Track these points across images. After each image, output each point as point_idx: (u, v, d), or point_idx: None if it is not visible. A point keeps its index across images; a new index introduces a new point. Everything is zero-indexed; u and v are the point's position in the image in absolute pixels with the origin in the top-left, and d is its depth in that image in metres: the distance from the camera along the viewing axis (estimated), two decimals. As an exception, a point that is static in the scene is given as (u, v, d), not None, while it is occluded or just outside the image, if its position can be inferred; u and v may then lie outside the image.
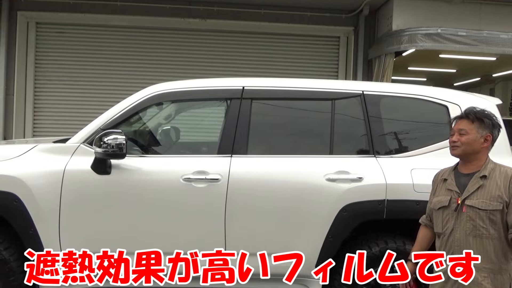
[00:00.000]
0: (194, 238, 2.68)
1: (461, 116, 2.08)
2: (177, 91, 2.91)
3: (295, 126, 3.02)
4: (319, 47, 7.05)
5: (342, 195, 2.64)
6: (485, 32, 5.67)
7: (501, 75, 11.18)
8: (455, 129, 2.06)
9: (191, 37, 6.93)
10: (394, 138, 2.95)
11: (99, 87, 6.79)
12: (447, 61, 9.32)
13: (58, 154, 2.71)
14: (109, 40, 6.86)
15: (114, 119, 2.77)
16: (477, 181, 1.97)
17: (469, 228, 1.94)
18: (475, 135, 2.00)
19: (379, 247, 2.70)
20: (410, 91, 2.98)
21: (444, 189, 2.08)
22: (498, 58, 8.68)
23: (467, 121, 2.04)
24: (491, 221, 1.91)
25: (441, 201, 2.06)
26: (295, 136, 3.00)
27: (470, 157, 2.02)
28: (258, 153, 2.81)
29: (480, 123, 2.02)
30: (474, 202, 1.94)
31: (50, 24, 6.80)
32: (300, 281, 2.78)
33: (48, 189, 2.61)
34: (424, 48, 5.68)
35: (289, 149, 2.91)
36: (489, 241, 1.91)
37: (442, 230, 2.04)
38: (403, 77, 11.92)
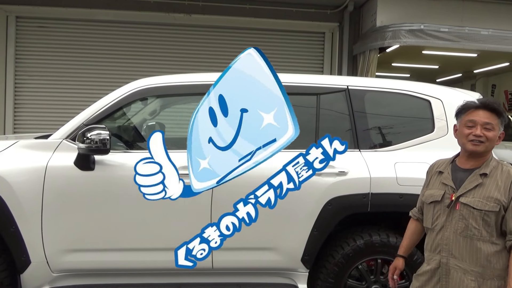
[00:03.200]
0: (181, 234, 2.66)
1: (480, 106, 1.82)
2: (162, 86, 2.88)
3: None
4: (304, 43, 7.08)
5: (327, 189, 2.67)
6: (467, 28, 5.79)
7: (482, 71, 11.43)
8: (478, 121, 1.80)
9: (176, 32, 6.87)
10: (378, 132, 2.98)
11: (82, 83, 6.68)
12: (430, 57, 9.48)
13: (40, 150, 2.65)
14: (92, 35, 6.74)
15: (97, 114, 2.73)
16: (476, 178, 1.80)
17: (460, 228, 1.79)
18: (497, 132, 1.81)
19: (363, 239, 2.74)
20: (393, 86, 3.02)
21: (438, 183, 1.92)
22: (479, 55, 8.87)
23: (491, 114, 1.80)
24: (485, 222, 1.75)
25: (433, 195, 1.90)
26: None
27: (482, 154, 1.82)
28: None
29: (502, 120, 1.82)
30: (469, 200, 1.78)
31: (31, 18, 6.65)
32: (286, 275, 2.81)
33: (29, 186, 2.55)
34: (407, 44, 5.76)
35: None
36: (480, 243, 1.76)
37: (431, 226, 1.90)
38: (387, 73, 12.08)
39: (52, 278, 2.67)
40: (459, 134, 1.90)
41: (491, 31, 5.82)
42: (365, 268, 2.78)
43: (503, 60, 9.83)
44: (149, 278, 2.76)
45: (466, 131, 1.83)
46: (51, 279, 2.67)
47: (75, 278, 2.71)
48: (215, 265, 2.71)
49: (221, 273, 2.79)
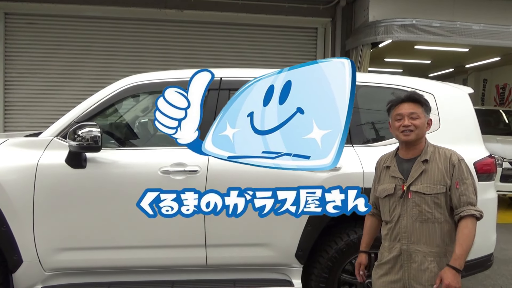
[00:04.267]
0: (174, 231, 2.66)
1: (404, 100, 1.98)
2: (153, 83, 2.85)
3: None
4: (297, 38, 7.08)
5: (320, 183, 2.66)
6: (458, 23, 5.82)
7: (474, 65, 11.52)
8: (404, 113, 1.95)
9: (168, 28, 6.83)
10: (371, 127, 2.99)
11: (73, 80, 6.62)
12: (422, 52, 9.54)
13: (31, 149, 2.62)
14: (82, 31, 6.67)
15: (88, 111, 2.70)
16: (420, 166, 1.94)
17: (415, 214, 1.92)
18: (424, 119, 1.96)
19: (357, 234, 2.74)
20: (385, 81, 3.02)
21: (388, 177, 2.03)
22: (470, 49, 8.94)
23: (415, 105, 1.96)
24: (436, 204, 1.90)
25: (386, 189, 2.01)
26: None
27: (416, 142, 1.96)
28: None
29: (425, 107, 1.98)
30: (418, 188, 1.91)
31: (20, 15, 6.57)
32: (280, 271, 2.81)
33: (20, 185, 2.52)
34: (399, 39, 5.78)
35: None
36: (435, 225, 1.91)
37: (390, 218, 2.00)
38: (380, 68, 12.13)
39: (45, 277, 2.65)
40: (392, 128, 2.04)
41: (482, 25, 5.85)
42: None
43: (494, 55, 9.93)
44: (142, 276, 2.75)
45: (397, 124, 1.98)
46: (44, 278, 2.65)
47: (68, 277, 2.69)
48: (209, 262, 2.71)
49: (216, 269, 2.78)
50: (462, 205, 1.88)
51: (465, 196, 1.89)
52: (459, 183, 1.90)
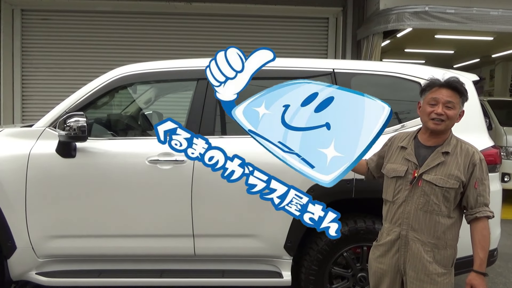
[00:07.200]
0: (161, 220, 2.67)
1: (444, 85, 1.83)
2: (143, 73, 2.86)
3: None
4: (308, 29, 6.95)
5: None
6: (475, 9, 5.52)
7: (501, 55, 10.96)
8: (440, 99, 1.81)
9: (177, 21, 6.86)
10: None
11: (87, 74, 6.75)
12: (444, 41, 9.14)
13: (24, 139, 2.69)
14: (95, 26, 6.80)
15: (79, 102, 2.74)
16: (439, 156, 1.85)
17: (422, 203, 1.86)
18: (458, 110, 1.84)
19: (348, 226, 2.67)
20: (382, 68, 2.91)
21: (401, 158, 1.95)
22: (495, 38, 8.49)
23: (453, 93, 1.82)
24: (445, 198, 1.83)
25: (396, 170, 1.94)
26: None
27: (442, 132, 1.86)
28: (225, 134, 2.77)
29: (463, 98, 1.84)
30: (431, 178, 1.83)
31: (35, 11, 6.76)
32: (270, 262, 2.78)
33: (13, 174, 2.59)
34: (411, 27, 5.56)
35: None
36: (439, 218, 1.85)
37: (392, 199, 1.95)
38: (400, 59, 11.75)
39: (39, 263, 2.72)
40: (422, 111, 1.93)
41: (501, 11, 5.52)
42: (351, 256, 2.72)
43: (521, 43, 9.41)
44: (132, 264, 2.78)
45: (429, 109, 1.87)
46: (38, 264, 2.72)
47: (62, 264, 2.75)
48: (197, 252, 2.71)
49: (205, 259, 2.78)
50: (478, 206, 1.83)
51: (482, 197, 1.84)
52: (478, 183, 1.83)
